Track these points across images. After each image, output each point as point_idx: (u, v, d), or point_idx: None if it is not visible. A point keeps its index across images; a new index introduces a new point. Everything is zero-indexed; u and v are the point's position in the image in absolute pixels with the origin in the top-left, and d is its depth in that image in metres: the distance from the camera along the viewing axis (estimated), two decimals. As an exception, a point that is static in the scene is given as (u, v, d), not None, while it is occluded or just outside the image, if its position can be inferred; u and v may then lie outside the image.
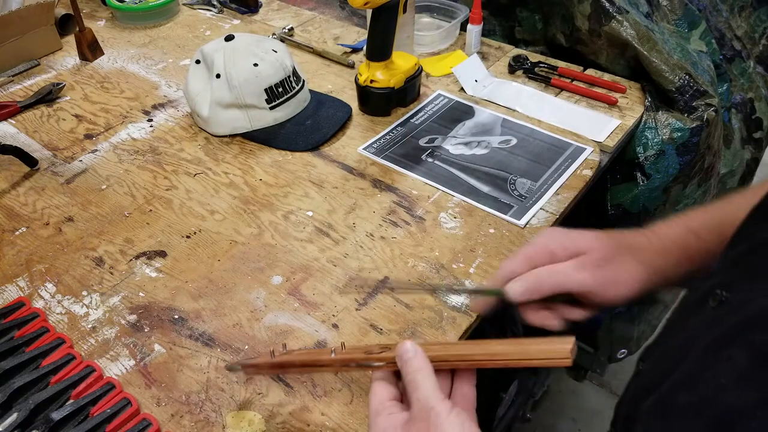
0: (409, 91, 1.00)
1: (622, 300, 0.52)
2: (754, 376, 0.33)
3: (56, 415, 0.57)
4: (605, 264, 0.52)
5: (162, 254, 0.78)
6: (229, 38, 0.94)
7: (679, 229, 0.55)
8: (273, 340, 0.67)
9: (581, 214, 0.89)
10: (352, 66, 1.13)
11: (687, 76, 0.96)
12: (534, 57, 1.10)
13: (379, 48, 0.93)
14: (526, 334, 0.50)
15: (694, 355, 0.38)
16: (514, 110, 0.99)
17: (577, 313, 0.55)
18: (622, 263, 0.52)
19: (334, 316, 0.69)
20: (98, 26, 1.31)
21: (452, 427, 0.43)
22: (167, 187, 0.88)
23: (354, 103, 1.01)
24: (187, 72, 0.98)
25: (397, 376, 0.50)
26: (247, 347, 0.64)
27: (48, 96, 1.07)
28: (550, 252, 0.53)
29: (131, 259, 0.77)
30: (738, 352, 0.34)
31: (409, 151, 0.92)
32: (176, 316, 0.70)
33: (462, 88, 1.04)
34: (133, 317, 0.70)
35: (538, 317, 0.55)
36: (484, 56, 1.12)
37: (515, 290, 0.52)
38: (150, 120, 1.02)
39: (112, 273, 0.75)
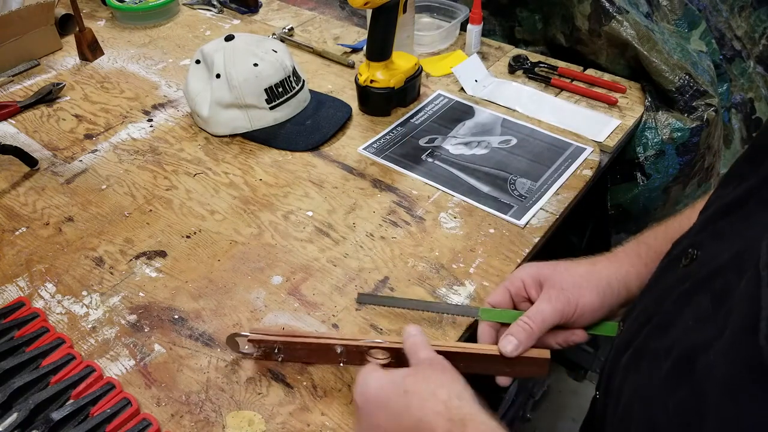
0: (409, 91, 1.00)
1: (594, 312, 0.58)
2: (712, 316, 0.36)
3: (56, 415, 0.57)
4: (565, 286, 0.58)
5: (162, 254, 0.78)
6: (229, 38, 0.94)
7: (630, 243, 0.62)
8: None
9: (581, 214, 0.90)
10: (352, 66, 1.13)
11: (687, 76, 0.96)
12: (534, 57, 1.10)
13: (379, 48, 0.93)
14: None
15: (666, 306, 0.42)
16: (514, 110, 0.99)
17: (577, 336, 0.61)
18: (579, 282, 0.58)
19: (334, 316, 0.69)
20: (98, 26, 1.31)
21: (455, 373, 0.50)
22: (167, 187, 0.88)
23: (354, 103, 1.01)
24: (187, 72, 0.98)
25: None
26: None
27: (48, 96, 1.07)
28: (520, 280, 0.61)
29: (131, 259, 0.77)
30: (702, 297, 0.38)
31: (409, 151, 0.92)
32: (176, 316, 0.70)
33: (462, 88, 1.04)
34: (133, 317, 0.70)
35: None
36: (484, 56, 1.12)
37: (508, 349, 0.57)
38: (150, 120, 1.02)
39: (112, 273, 0.75)
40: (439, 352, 0.59)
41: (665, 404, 0.36)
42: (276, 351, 0.60)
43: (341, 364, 0.62)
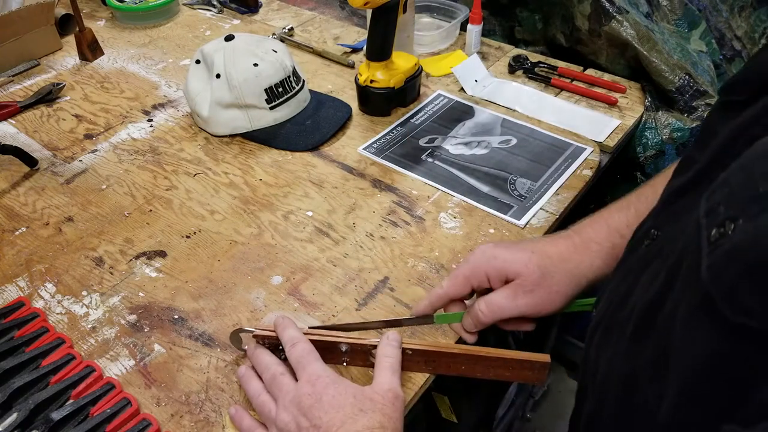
0: (409, 91, 1.00)
1: (556, 311, 0.59)
2: (663, 274, 0.38)
3: (56, 415, 0.57)
4: (535, 288, 0.57)
5: (162, 254, 0.78)
6: (229, 38, 0.94)
7: (603, 231, 0.59)
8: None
9: (581, 214, 0.89)
10: (352, 66, 1.13)
11: (687, 76, 0.96)
12: (534, 57, 1.10)
13: (379, 48, 0.93)
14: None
15: (627, 281, 0.44)
16: (514, 110, 0.99)
17: (526, 326, 0.62)
18: (550, 283, 0.57)
19: (334, 316, 0.69)
20: (98, 26, 1.31)
21: (401, 413, 0.53)
22: (167, 187, 0.88)
23: (354, 103, 1.01)
24: (187, 72, 0.98)
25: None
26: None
27: (48, 96, 1.07)
28: (485, 274, 0.59)
29: (131, 259, 0.77)
30: (655, 265, 0.41)
31: (409, 151, 0.92)
32: (176, 316, 0.70)
33: (462, 88, 1.04)
34: (133, 317, 0.70)
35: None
36: (484, 56, 1.12)
37: (467, 325, 0.61)
38: (150, 120, 1.02)
39: (112, 273, 0.75)
40: (435, 353, 0.59)
41: (634, 363, 0.38)
42: (280, 348, 0.60)
43: (344, 364, 0.62)
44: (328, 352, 0.60)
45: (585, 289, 0.58)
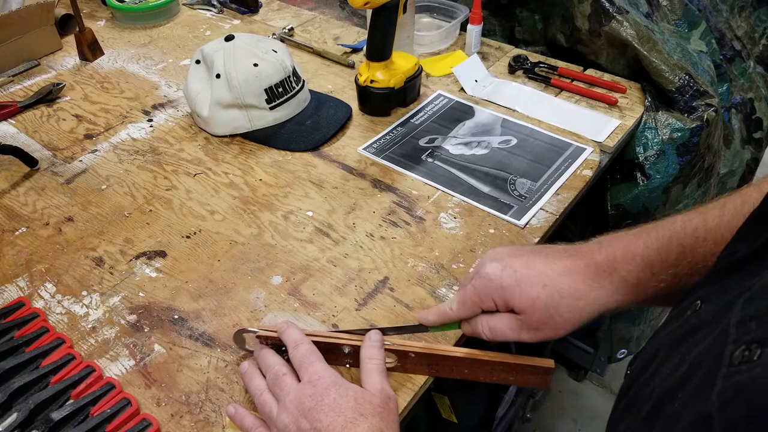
0: (409, 91, 1.00)
1: (561, 337, 0.57)
2: (685, 365, 0.34)
3: (56, 415, 0.57)
4: (540, 326, 0.55)
5: (162, 254, 0.78)
6: (229, 38, 0.94)
7: (635, 265, 0.54)
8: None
9: (581, 214, 0.90)
10: (352, 66, 1.13)
11: (687, 76, 0.96)
12: (534, 57, 1.10)
13: (379, 48, 0.93)
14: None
15: (660, 355, 0.41)
16: (514, 110, 0.99)
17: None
18: (557, 322, 0.55)
19: (334, 316, 0.69)
20: (98, 26, 1.31)
21: (397, 415, 0.54)
22: (167, 187, 0.88)
23: (354, 103, 1.01)
24: (187, 72, 0.98)
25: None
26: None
27: (48, 96, 1.07)
28: (492, 300, 0.57)
29: (131, 259, 0.77)
30: (685, 347, 0.36)
31: (409, 151, 0.92)
32: (176, 316, 0.70)
33: (462, 88, 1.04)
34: (133, 317, 0.70)
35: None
36: (484, 56, 1.12)
37: (467, 332, 0.61)
38: (150, 120, 1.02)
39: (112, 273, 0.75)
40: (439, 356, 0.59)
41: None
42: (283, 349, 0.60)
43: (347, 366, 0.62)
44: (331, 353, 0.60)
45: (597, 318, 0.56)
